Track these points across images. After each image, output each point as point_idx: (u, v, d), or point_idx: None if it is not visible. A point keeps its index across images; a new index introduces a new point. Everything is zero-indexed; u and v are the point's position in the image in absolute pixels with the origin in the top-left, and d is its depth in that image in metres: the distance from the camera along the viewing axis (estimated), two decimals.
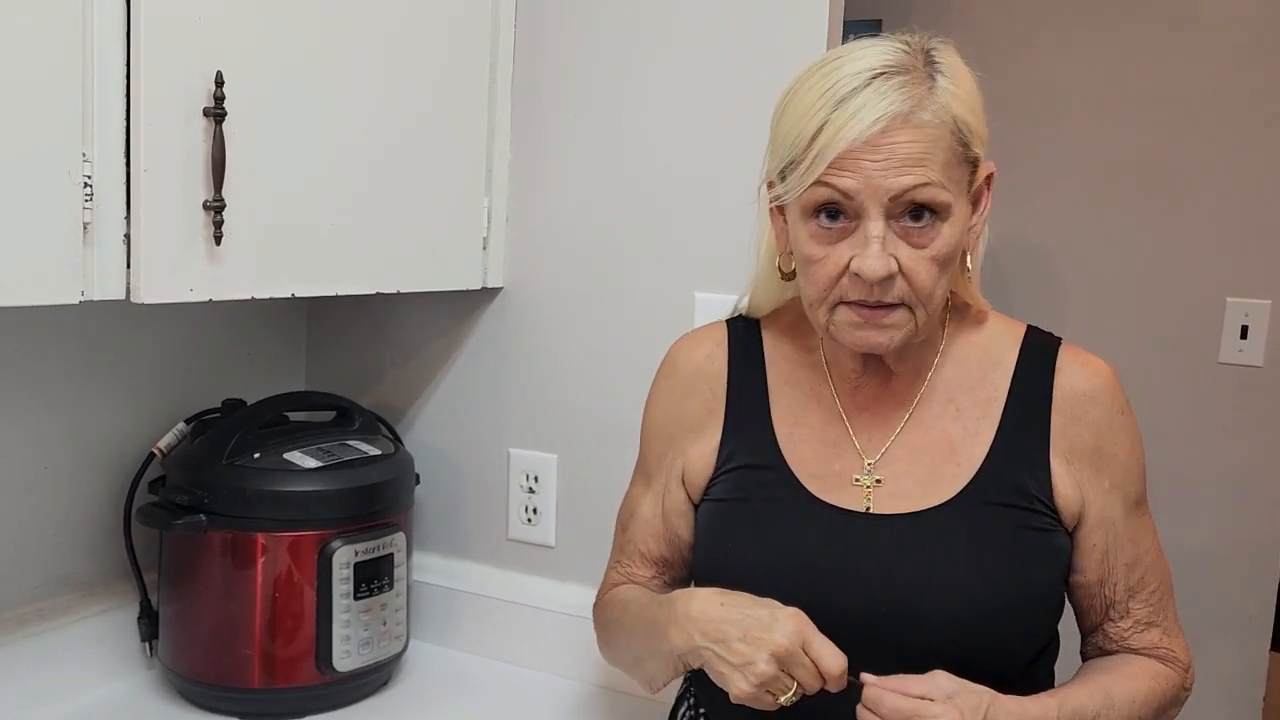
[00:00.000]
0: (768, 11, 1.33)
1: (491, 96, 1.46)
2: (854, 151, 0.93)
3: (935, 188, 0.94)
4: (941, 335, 1.09)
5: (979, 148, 0.99)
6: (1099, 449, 1.05)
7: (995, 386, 1.07)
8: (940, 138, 0.94)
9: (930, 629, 0.98)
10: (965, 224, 0.99)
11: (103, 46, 1.01)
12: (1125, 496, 1.06)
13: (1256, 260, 2.36)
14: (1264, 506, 2.36)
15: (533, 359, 1.52)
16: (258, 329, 1.62)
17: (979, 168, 1.00)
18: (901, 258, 0.95)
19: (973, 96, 0.98)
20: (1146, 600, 1.07)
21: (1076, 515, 1.04)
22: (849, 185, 0.94)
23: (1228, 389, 2.38)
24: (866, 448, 1.07)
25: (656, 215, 1.42)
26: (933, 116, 0.94)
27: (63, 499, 1.37)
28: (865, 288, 0.96)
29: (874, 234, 0.94)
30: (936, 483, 1.03)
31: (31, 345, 1.32)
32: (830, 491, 1.05)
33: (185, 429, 1.41)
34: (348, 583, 1.32)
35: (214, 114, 1.08)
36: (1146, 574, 1.07)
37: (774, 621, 0.94)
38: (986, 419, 1.05)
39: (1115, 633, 1.08)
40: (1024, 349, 1.08)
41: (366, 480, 1.36)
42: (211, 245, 1.10)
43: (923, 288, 0.97)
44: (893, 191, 0.93)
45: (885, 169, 0.93)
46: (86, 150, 1.00)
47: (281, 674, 1.31)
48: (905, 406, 1.07)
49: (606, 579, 1.21)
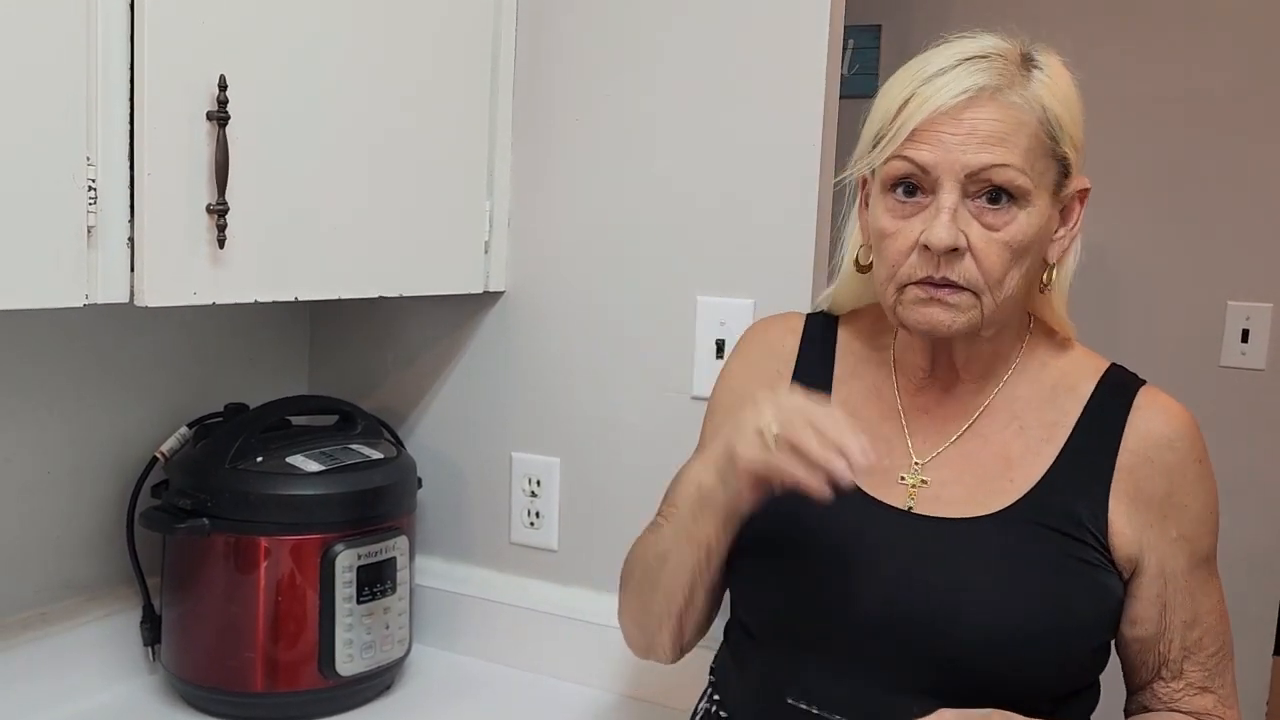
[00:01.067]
0: (769, 17, 1.33)
1: (493, 100, 1.46)
2: (936, 123, 0.93)
3: (1014, 170, 0.93)
4: (1018, 351, 1.06)
5: (1070, 150, 0.97)
6: (1170, 496, 1.00)
7: (1065, 412, 1.03)
8: (1026, 123, 0.94)
9: (956, 640, 0.95)
10: (1045, 220, 0.97)
11: (106, 50, 1.01)
12: (1193, 551, 1.01)
13: (1258, 264, 2.36)
14: (1266, 510, 2.36)
15: (535, 363, 1.52)
16: (260, 332, 1.62)
17: (1071, 175, 0.98)
18: (972, 236, 0.94)
19: (1070, 97, 0.97)
20: (1203, 664, 1.02)
21: (1133, 561, 0.99)
22: (926, 158, 0.94)
23: (1229, 393, 2.38)
24: (919, 448, 1.05)
25: (659, 219, 1.42)
26: (1021, 100, 0.94)
27: (65, 503, 1.37)
28: (933, 262, 0.95)
29: (945, 205, 0.94)
30: (986, 495, 1.00)
31: (34, 349, 1.32)
32: (875, 486, 1.02)
33: (188, 433, 1.41)
34: (350, 586, 1.32)
35: (217, 117, 1.08)
36: (1205, 635, 1.02)
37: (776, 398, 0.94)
38: (1050, 442, 1.02)
39: (1165, 694, 1.02)
40: (1103, 381, 1.04)
41: (369, 484, 1.36)
42: (215, 248, 1.10)
43: (990, 270, 0.95)
44: (970, 167, 0.93)
45: (965, 142, 0.93)
46: (90, 154, 1.00)
47: (284, 678, 1.31)
48: (967, 415, 1.05)
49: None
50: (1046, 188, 0.96)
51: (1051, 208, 0.98)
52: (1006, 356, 1.06)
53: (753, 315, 1.35)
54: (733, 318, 1.37)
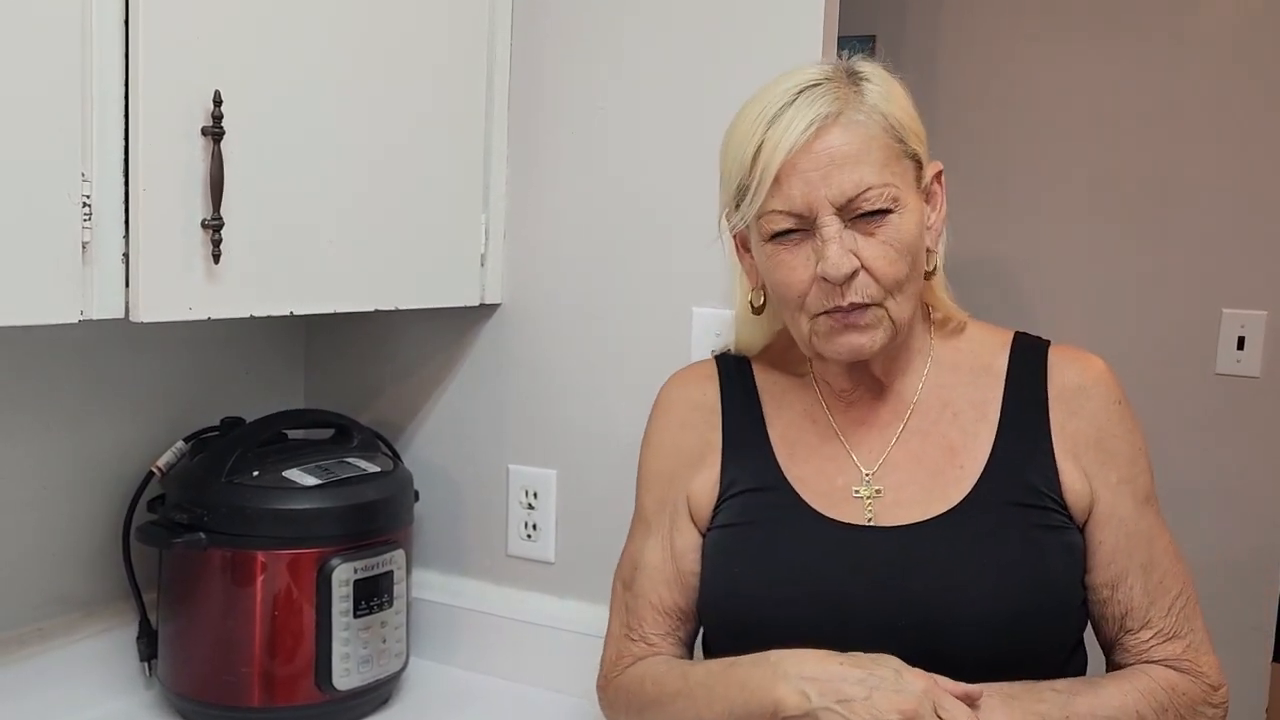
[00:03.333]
0: (764, 29, 1.34)
1: (488, 113, 1.46)
2: (793, 163, 0.96)
3: (878, 186, 0.97)
4: (929, 344, 1.10)
5: (917, 145, 1.01)
6: (1101, 441, 1.04)
7: (989, 388, 1.07)
8: (874, 136, 0.98)
9: (947, 636, 0.96)
10: (920, 217, 1.01)
11: (102, 66, 1.01)
12: (1134, 492, 1.04)
13: (1253, 271, 2.36)
14: (1263, 517, 2.35)
15: (531, 375, 1.52)
16: (256, 347, 1.62)
17: (924, 165, 1.03)
18: (862, 254, 0.97)
19: (902, 97, 1.01)
20: (1169, 609, 1.02)
21: (1086, 510, 1.03)
22: (797, 200, 0.97)
23: (1225, 400, 2.38)
24: (865, 460, 1.06)
25: (654, 231, 1.42)
26: (863, 116, 0.98)
27: (62, 518, 1.37)
28: (835, 291, 0.98)
29: (830, 235, 0.97)
30: (942, 488, 1.03)
31: (30, 364, 1.32)
32: (833, 507, 1.04)
33: (184, 447, 1.41)
34: (347, 600, 1.32)
35: (212, 133, 1.08)
36: (1166, 578, 1.03)
37: (900, 680, 0.90)
38: (984, 421, 1.05)
39: (1134, 645, 1.03)
40: (1014, 352, 1.08)
41: (365, 497, 1.35)
42: (210, 264, 1.10)
43: (887, 277, 0.98)
44: (839, 196, 0.96)
45: (827, 174, 0.96)
46: (86, 170, 1.00)
47: (281, 693, 1.30)
48: (901, 416, 1.07)
49: (610, 652, 1.15)
50: (909, 186, 1.00)
51: (919, 201, 1.02)
52: (920, 350, 1.09)
53: None
54: (728, 329, 1.36)
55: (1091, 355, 1.07)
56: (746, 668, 0.98)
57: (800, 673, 0.93)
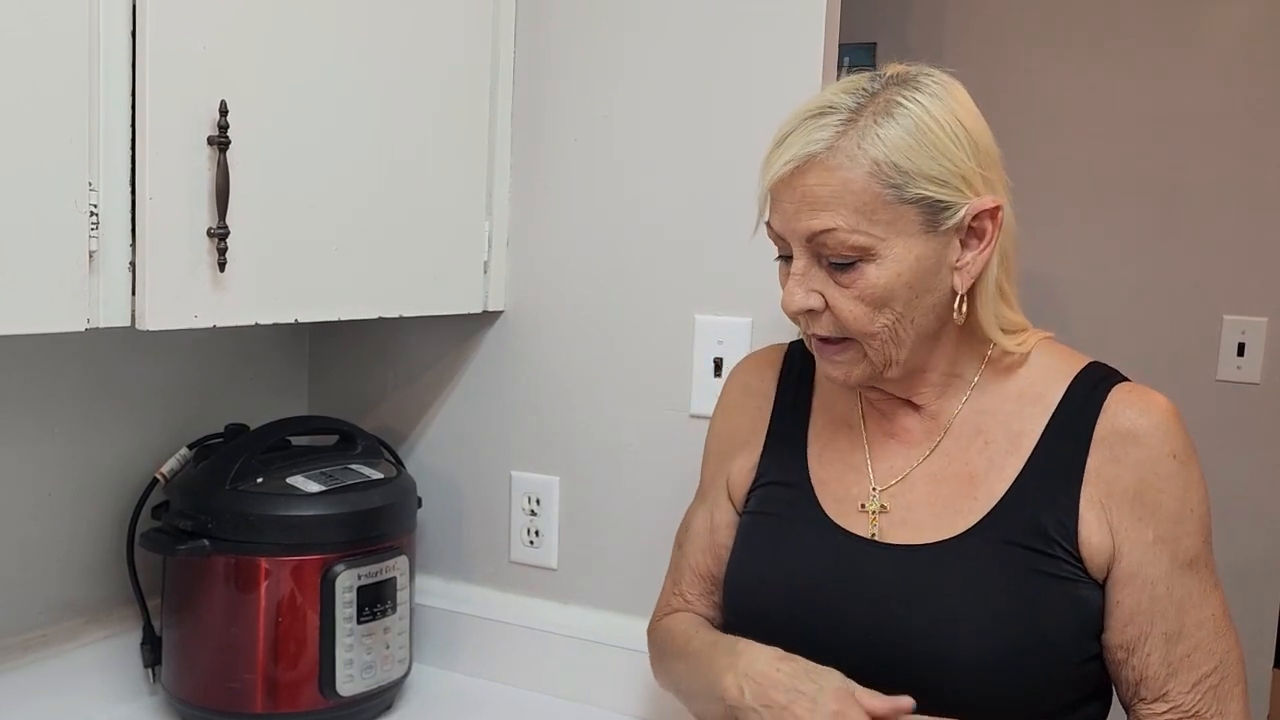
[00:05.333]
0: (765, 37, 1.34)
1: (492, 121, 1.47)
2: (778, 192, 0.97)
3: (843, 233, 0.93)
4: (978, 369, 1.04)
5: (933, 187, 0.93)
6: (1141, 494, 0.95)
7: (1032, 419, 1.00)
8: (852, 180, 0.92)
9: (924, 664, 0.95)
10: (914, 262, 0.94)
11: (108, 76, 1.02)
12: (1173, 554, 0.95)
13: (1253, 278, 2.37)
14: (1263, 523, 2.36)
15: (534, 382, 1.52)
16: (260, 354, 1.62)
17: (950, 207, 0.94)
18: (828, 295, 0.97)
19: (916, 138, 0.93)
20: (1193, 686, 0.94)
21: (1105, 566, 0.95)
22: (777, 224, 0.98)
23: (1226, 406, 2.38)
24: (882, 474, 1.05)
25: (657, 238, 1.43)
26: (848, 160, 0.93)
27: (66, 524, 1.37)
28: (803, 322, 1.00)
29: (795, 270, 0.97)
30: (952, 515, 0.99)
31: (35, 371, 1.32)
32: (843, 515, 1.05)
33: (188, 454, 1.41)
34: (350, 606, 1.32)
35: (218, 142, 1.09)
36: (1196, 653, 0.94)
37: (818, 699, 0.92)
38: (1014, 454, 0.99)
39: (1148, 717, 0.96)
40: (1074, 383, 1.00)
41: (369, 504, 1.36)
42: (215, 272, 1.11)
43: (852, 324, 0.96)
44: (804, 234, 0.95)
45: (799, 210, 0.95)
46: (92, 179, 1.01)
47: (284, 699, 1.31)
48: (934, 436, 1.04)
49: (662, 600, 1.22)
50: (907, 232, 0.93)
51: (928, 245, 0.94)
52: (963, 376, 1.04)
53: (750, 333, 1.36)
54: (730, 336, 1.38)
55: (1160, 400, 0.98)
56: (721, 651, 1.03)
57: (748, 669, 0.97)
